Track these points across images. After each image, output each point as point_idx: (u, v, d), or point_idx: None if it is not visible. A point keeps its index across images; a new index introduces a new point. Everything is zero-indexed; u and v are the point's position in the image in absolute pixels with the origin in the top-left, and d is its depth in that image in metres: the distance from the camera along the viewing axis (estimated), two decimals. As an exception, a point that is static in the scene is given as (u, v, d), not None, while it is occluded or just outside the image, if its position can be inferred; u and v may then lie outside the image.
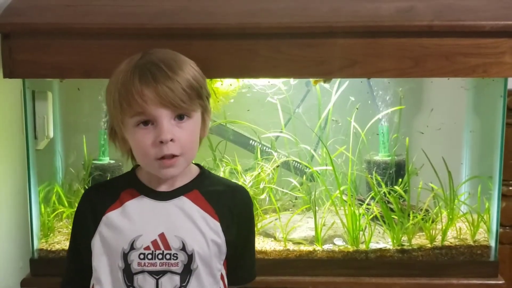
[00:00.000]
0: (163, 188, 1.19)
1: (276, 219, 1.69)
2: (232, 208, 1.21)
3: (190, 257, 1.14)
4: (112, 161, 1.82)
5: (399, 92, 1.78)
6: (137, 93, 1.10)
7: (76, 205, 1.26)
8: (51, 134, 1.71)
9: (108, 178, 1.77)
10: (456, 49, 1.42)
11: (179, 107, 1.11)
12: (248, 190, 1.35)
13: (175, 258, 1.14)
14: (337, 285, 1.59)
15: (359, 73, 1.45)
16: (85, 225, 1.20)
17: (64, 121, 1.84)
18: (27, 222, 1.63)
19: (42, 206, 1.67)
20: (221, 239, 1.18)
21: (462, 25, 1.41)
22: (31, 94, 1.62)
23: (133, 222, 1.16)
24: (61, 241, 1.65)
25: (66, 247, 1.59)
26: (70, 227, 1.68)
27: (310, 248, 1.62)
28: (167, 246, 1.14)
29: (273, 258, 1.61)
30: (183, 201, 1.18)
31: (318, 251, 1.61)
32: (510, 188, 1.86)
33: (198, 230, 1.16)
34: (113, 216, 1.17)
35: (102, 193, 1.22)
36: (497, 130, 1.59)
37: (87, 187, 1.74)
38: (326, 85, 1.76)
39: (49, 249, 1.62)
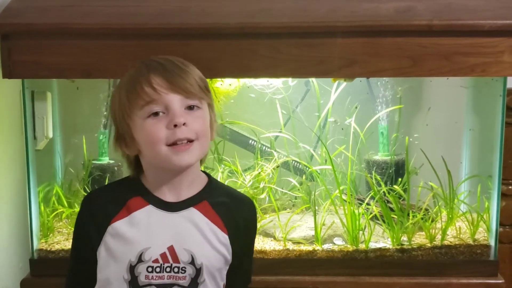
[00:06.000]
0: (171, 198, 1.15)
1: (275, 219, 1.69)
2: (240, 220, 1.19)
3: (198, 271, 1.12)
4: (111, 161, 1.81)
5: (398, 91, 1.78)
6: (146, 80, 1.08)
7: (76, 205, 1.24)
8: (51, 134, 1.71)
9: (107, 178, 1.77)
10: (455, 48, 1.42)
11: (190, 93, 1.09)
12: (249, 191, 1.34)
13: (183, 271, 1.12)
14: (337, 284, 1.59)
15: (358, 73, 1.45)
16: (87, 237, 1.15)
17: (63, 121, 1.84)
18: (26, 222, 1.63)
19: (42, 206, 1.66)
20: (228, 252, 1.16)
21: (461, 25, 1.41)
22: (30, 94, 1.61)
23: (141, 233, 1.12)
24: (60, 241, 1.65)
25: (66, 248, 1.60)
26: (70, 227, 1.69)
27: (310, 248, 1.62)
28: (176, 259, 1.12)
29: (273, 258, 1.61)
30: (193, 213, 1.15)
31: (318, 251, 1.61)
32: (510, 187, 1.86)
33: (207, 244, 1.14)
34: (119, 226, 1.13)
35: (105, 201, 1.16)
36: (497, 129, 1.59)
37: (86, 187, 1.74)
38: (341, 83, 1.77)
39: (48, 249, 1.61)
